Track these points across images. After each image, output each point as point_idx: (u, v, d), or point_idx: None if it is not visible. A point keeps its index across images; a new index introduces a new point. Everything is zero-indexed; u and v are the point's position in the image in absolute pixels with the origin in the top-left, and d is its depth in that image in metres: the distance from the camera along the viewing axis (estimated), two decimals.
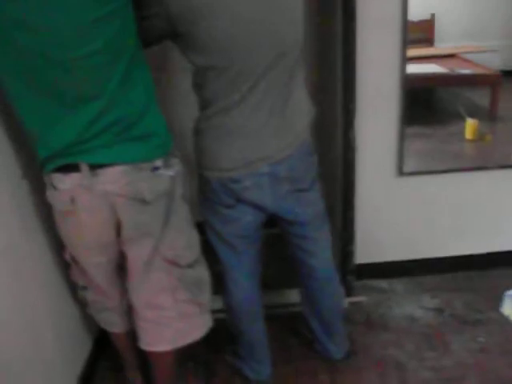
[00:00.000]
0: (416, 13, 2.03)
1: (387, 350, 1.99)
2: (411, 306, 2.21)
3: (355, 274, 2.29)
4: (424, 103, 2.80)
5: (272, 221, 1.64)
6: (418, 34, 2.58)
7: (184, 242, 1.51)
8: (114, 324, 1.71)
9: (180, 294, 1.53)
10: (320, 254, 1.75)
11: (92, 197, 1.30)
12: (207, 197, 1.54)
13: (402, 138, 2.08)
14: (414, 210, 2.25)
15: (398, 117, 2.05)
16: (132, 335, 1.65)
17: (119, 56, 1.21)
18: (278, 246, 1.83)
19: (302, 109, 1.49)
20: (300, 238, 1.70)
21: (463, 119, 2.57)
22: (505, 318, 2.08)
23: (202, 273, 1.61)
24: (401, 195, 2.21)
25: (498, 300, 2.14)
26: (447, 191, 2.22)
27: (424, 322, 2.11)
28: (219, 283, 1.71)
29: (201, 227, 1.61)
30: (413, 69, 2.56)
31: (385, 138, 2.09)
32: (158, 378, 1.71)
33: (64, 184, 1.29)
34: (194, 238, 1.56)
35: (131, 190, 1.31)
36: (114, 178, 1.29)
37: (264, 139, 1.43)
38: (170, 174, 1.38)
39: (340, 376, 1.90)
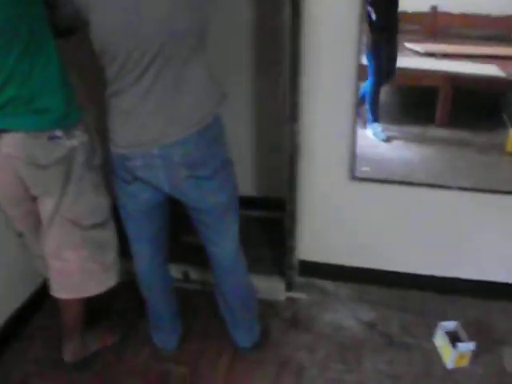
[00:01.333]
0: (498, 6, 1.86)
1: (298, 351, 1.94)
2: (345, 313, 2.11)
3: (297, 269, 2.24)
4: (467, 105, 2.57)
5: None
6: (496, 30, 2.32)
7: (85, 205, 1.63)
8: (45, 271, 1.86)
9: (82, 251, 1.67)
10: (221, 244, 1.73)
11: None
12: (112, 170, 1.61)
13: (353, 138, 1.94)
14: (368, 216, 2.12)
15: (350, 113, 1.91)
16: None
17: (14, 40, 1.32)
18: None
19: (200, 97, 1.46)
20: (201, 225, 1.70)
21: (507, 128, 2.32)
22: (434, 349, 1.92)
23: (107, 235, 1.74)
24: (353, 200, 2.09)
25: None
26: (408, 203, 2.05)
27: (350, 333, 2.01)
28: None
29: None
30: (466, 68, 2.36)
31: (338, 138, 1.97)
32: (65, 325, 1.85)
33: None
34: (99, 202, 1.67)
35: (28, 155, 1.46)
36: (13, 143, 1.45)
37: (153, 123, 1.44)
38: (69, 143, 1.51)
39: (239, 365, 1.90)
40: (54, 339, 1.96)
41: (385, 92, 2.23)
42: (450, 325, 1.94)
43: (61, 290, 1.75)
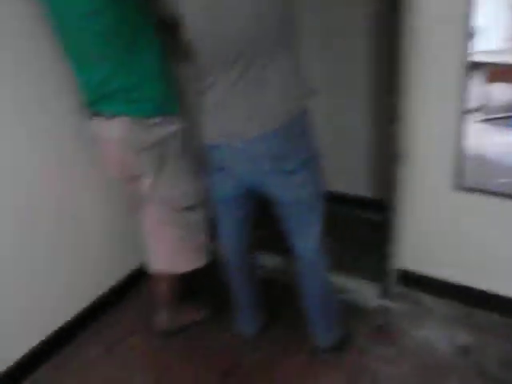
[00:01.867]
0: None
1: (377, 362, 1.85)
2: (439, 332, 1.93)
3: (394, 278, 2.11)
4: None
5: None
6: None
7: (178, 188, 1.79)
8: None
9: (174, 230, 1.85)
10: (302, 238, 1.73)
11: (106, 138, 1.68)
12: (204, 158, 1.71)
13: (460, 143, 1.75)
14: (478, 231, 1.90)
15: (458, 114, 1.72)
16: None
17: (119, 38, 1.49)
18: None
19: (284, 93, 1.47)
20: (283, 219, 1.72)
21: None
22: None
23: (198, 218, 1.88)
24: (461, 211, 1.89)
25: None
26: None
27: (439, 354, 1.85)
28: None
29: None
30: None
31: (442, 143, 1.79)
32: (159, 297, 2.04)
33: (93, 125, 1.69)
34: (192, 187, 1.81)
35: (130, 138, 1.64)
36: (119, 127, 1.63)
37: (237, 117, 1.49)
38: (166, 130, 1.67)
39: (314, 363, 1.89)
40: (148, 310, 2.16)
41: None
42: None
43: (155, 264, 1.94)
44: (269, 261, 2.48)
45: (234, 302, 2.00)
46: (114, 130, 1.63)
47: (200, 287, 2.29)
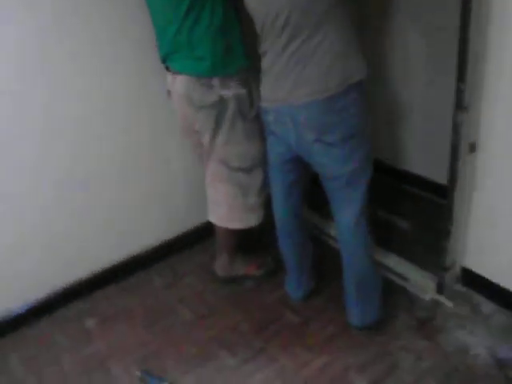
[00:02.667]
0: None
1: (403, 352, 1.81)
2: (482, 340, 1.80)
3: (457, 275, 2.01)
4: None
5: None
6: None
7: (234, 149, 1.91)
8: None
9: (229, 187, 1.99)
10: (341, 213, 1.76)
11: (174, 93, 1.88)
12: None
13: None
14: None
15: None
16: None
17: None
18: None
19: (329, 65, 1.50)
20: (327, 190, 1.76)
21: None
22: None
23: (251, 180, 1.99)
24: None
25: None
26: None
27: (472, 362, 1.73)
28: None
29: None
30: None
31: None
32: (218, 244, 2.24)
33: (167, 79, 1.91)
34: (248, 149, 1.92)
35: (188, 95, 1.81)
36: (180, 83, 1.82)
37: (283, 82, 1.57)
38: (223, 92, 1.78)
39: (341, 338, 1.92)
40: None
41: None
42: None
43: (212, 216, 2.11)
44: (328, 227, 2.51)
45: (285, 264, 2.09)
46: (177, 85, 1.80)
47: (265, 245, 2.41)
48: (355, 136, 1.61)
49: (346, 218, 1.75)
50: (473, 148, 1.76)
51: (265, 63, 1.62)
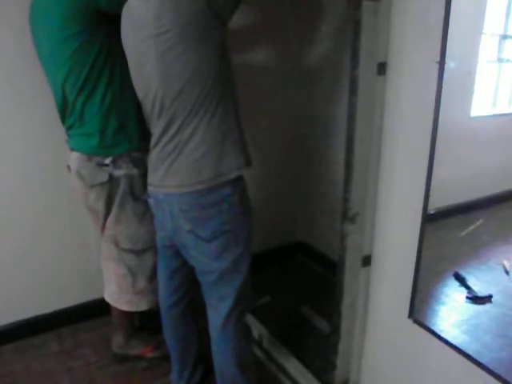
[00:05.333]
0: None
1: None
2: None
3: None
4: None
5: None
6: None
7: (125, 229, 1.86)
8: None
9: (118, 268, 1.93)
10: (211, 310, 1.67)
11: (70, 168, 1.85)
12: None
13: (416, 273, 1.44)
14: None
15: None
16: None
17: (79, 78, 1.65)
18: None
19: (202, 159, 1.46)
20: (201, 285, 1.67)
21: None
22: None
23: (142, 263, 1.92)
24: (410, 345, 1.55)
25: None
26: None
27: None
28: None
29: None
30: None
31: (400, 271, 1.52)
32: (113, 320, 2.12)
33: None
34: (138, 231, 1.87)
35: (80, 173, 1.79)
36: (73, 160, 1.81)
37: (158, 170, 1.55)
38: (114, 171, 1.76)
39: None
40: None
41: None
42: None
43: (105, 293, 2.02)
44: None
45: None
46: (72, 162, 1.79)
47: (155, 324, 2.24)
48: (228, 233, 1.53)
49: (217, 318, 1.64)
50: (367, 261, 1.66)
51: (151, 145, 1.59)
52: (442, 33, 1.30)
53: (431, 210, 1.49)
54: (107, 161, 1.74)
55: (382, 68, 1.37)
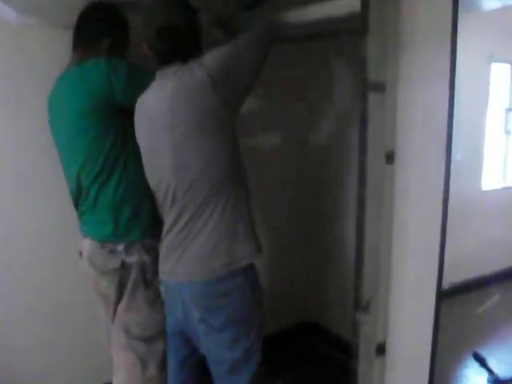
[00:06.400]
0: None
1: None
2: None
3: None
4: None
5: None
6: None
7: (135, 316, 1.81)
8: None
9: (127, 355, 1.85)
10: None
11: (83, 254, 1.83)
12: None
13: (433, 359, 1.39)
14: None
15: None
16: None
17: (92, 168, 1.67)
18: None
19: (214, 248, 1.45)
20: (212, 375, 1.62)
21: None
22: None
23: (151, 351, 1.84)
24: None
25: None
26: None
27: None
28: None
29: None
30: None
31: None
32: None
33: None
34: (149, 318, 1.81)
35: (92, 260, 1.77)
36: (85, 247, 1.79)
37: (169, 258, 1.54)
38: (126, 258, 1.74)
39: None
40: None
41: None
42: None
43: (113, 379, 1.93)
44: None
45: None
46: (84, 248, 1.78)
47: None
48: (240, 322, 1.51)
49: None
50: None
51: (162, 232, 1.59)
52: (448, 119, 1.31)
53: (445, 285, 1.46)
54: (120, 247, 1.73)
55: (390, 157, 1.38)
